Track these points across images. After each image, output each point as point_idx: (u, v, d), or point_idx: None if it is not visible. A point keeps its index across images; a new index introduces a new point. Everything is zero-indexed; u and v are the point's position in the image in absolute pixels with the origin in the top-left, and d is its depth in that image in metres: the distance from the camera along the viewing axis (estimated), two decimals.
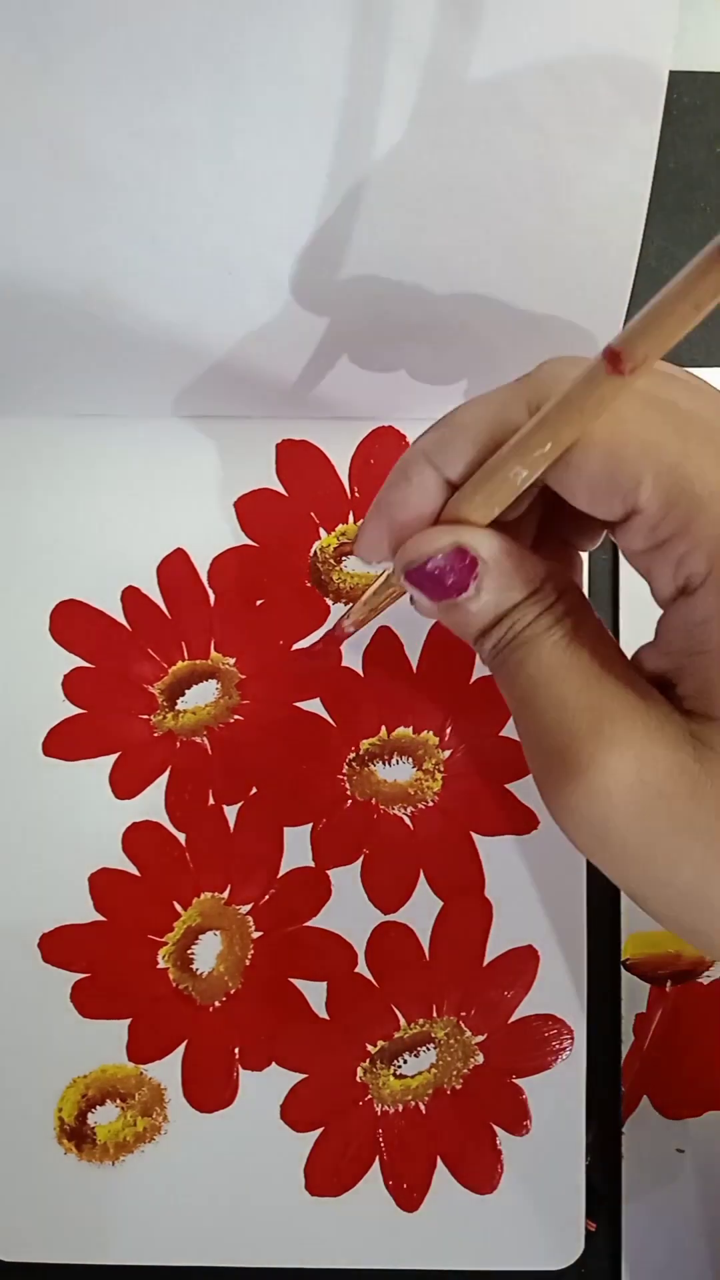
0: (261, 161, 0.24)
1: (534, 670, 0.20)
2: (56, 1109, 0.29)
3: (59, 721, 0.30)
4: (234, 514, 0.31)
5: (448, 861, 0.30)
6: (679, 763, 0.18)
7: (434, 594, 0.20)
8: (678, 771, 0.18)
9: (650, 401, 0.18)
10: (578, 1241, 0.28)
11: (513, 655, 0.20)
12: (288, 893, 0.30)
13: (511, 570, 0.20)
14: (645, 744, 0.18)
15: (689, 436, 0.17)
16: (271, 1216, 0.28)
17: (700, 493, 0.17)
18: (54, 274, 0.27)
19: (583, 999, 0.29)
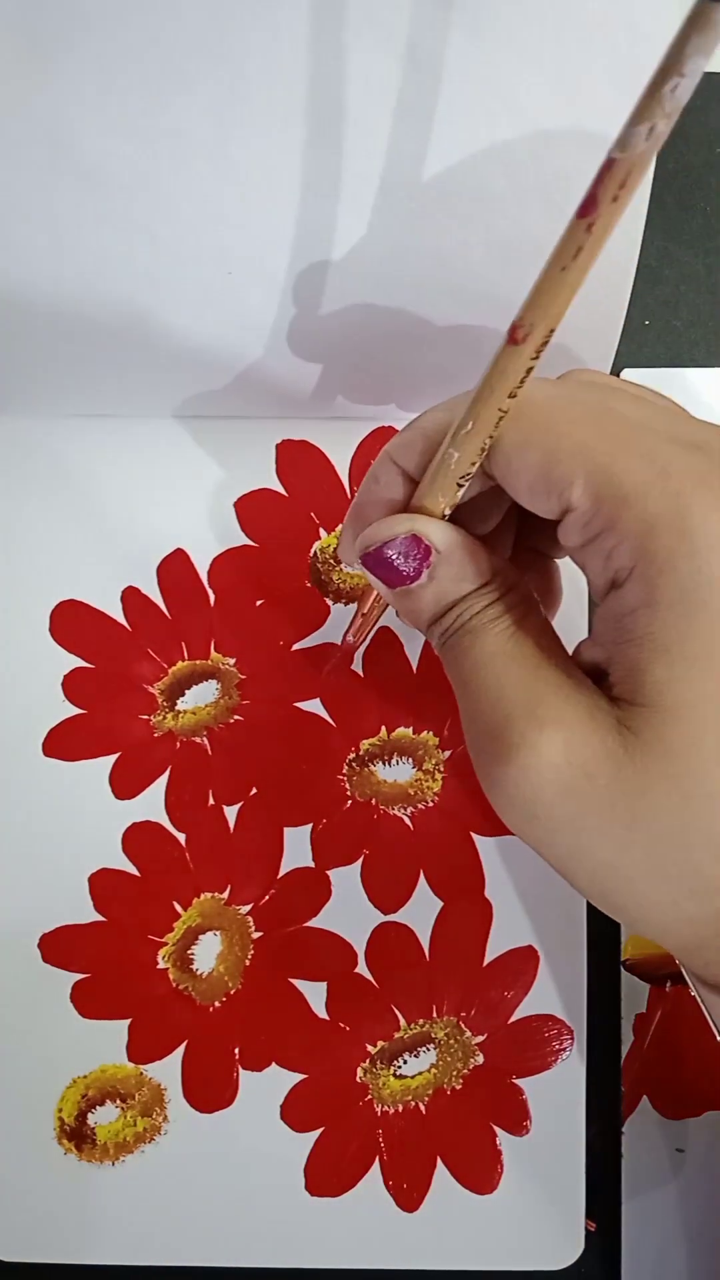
0: (261, 161, 0.24)
1: (478, 655, 0.21)
2: (56, 1109, 0.29)
3: (59, 721, 0.30)
4: (234, 514, 0.31)
5: (448, 861, 0.30)
6: (605, 745, 0.19)
7: (389, 579, 0.22)
8: (603, 754, 0.19)
9: (587, 409, 0.20)
10: (578, 1241, 0.28)
11: (460, 641, 0.22)
12: (288, 893, 0.30)
13: (463, 561, 0.21)
14: (574, 727, 0.19)
15: (618, 439, 0.19)
16: (271, 1216, 0.28)
17: (626, 491, 0.18)
18: (54, 274, 0.27)
19: (583, 999, 0.29)
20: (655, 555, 0.18)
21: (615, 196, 0.14)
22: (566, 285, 0.16)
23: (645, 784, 0.19)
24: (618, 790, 0.19)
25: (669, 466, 0.18)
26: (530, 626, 0.21)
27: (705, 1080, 0.29)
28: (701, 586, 0.18)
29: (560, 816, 0.19)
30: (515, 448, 0.20)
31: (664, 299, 0.33)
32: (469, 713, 0.21)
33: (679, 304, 0.33)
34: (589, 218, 0.14)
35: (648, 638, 0.19)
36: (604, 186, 0.14)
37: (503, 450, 0.20)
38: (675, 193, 0.33)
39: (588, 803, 0.19)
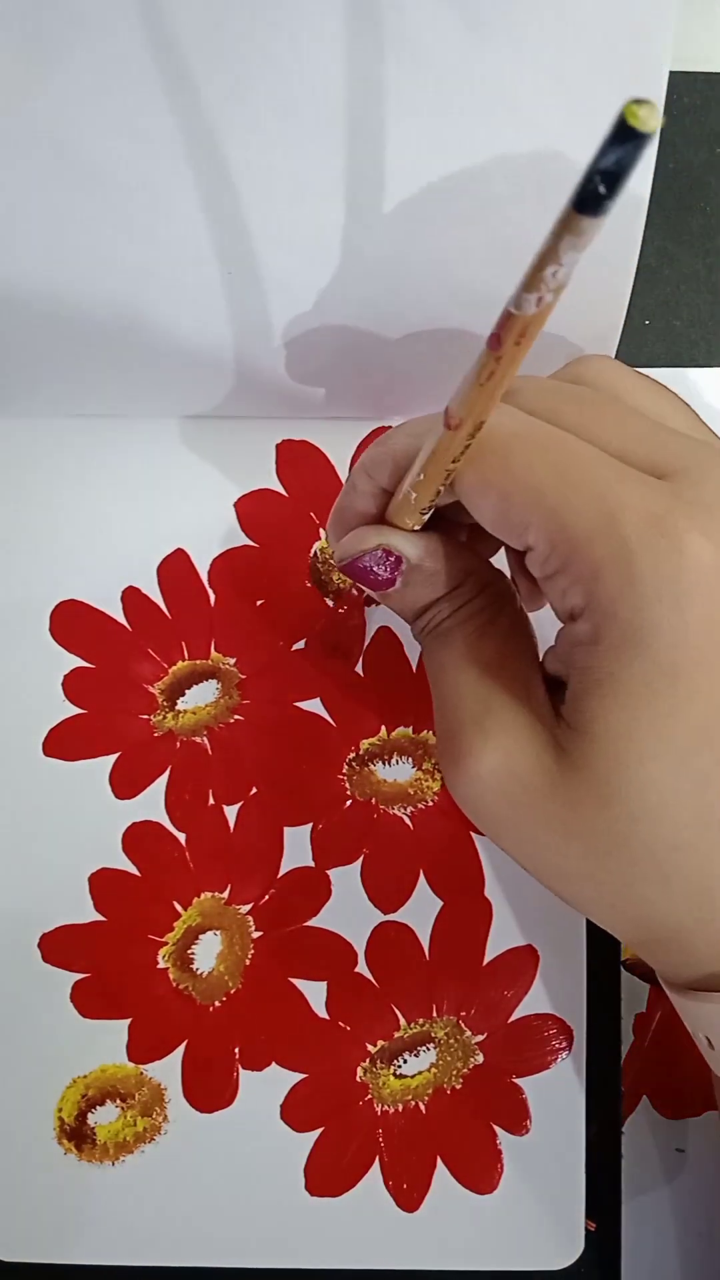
0: (261, 161, 0.24)
1: (442, 660, 0.23)
2: (56, 1109, 0.29)
3: (59, 721, 0.30)
4: (234, 514, 0.31)
5: (448, 861, 0.30)
6: (540, 761, 0.20)
7: (368, 585, 0.23)
8: (538, 768, 0.20)
9: (545, 447, 0.20)
10: (578, 1241, 0.28)
11: (431, 643, 0.23)
12: (288, 893, 0.30)
13: (433, 569, 0.22)
14: (515, 740, 0.21)
15: (572, 480, 0.19)
16: (271, 1216, 0.28)
17: (576, 535, 0.19)
18: (53, 274, 0.27)
19: (583, 999, 0.29)
20: (601, 600, 0.19)
21: (517, 342, 0.16)
22: (486, 396, 0.17)
23: (574, 801, 0.20)
24: (551, 803, 0.20)
25: (620, 509, 0.18)
26: (497, 629, 0.23)
27: (705, 1080, 0.29)
28: (641, 632, 0.18)
29: (503, 820, 0.21)
30: (474, 488, 0.20)
31: (664, 299, 0.33)
32: (436, 712, 0.23)
33: (679, 304, 0.33)
34: (496, 352, 0.16)
35: (588, 670, 0.20)
36: (507, 333, 0.16)
37: (463, 489, 0.21)
38: (675, 193, 0.33)
39: (525, 811, 0.21)
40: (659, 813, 0.19)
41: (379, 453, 0.22)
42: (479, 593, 0.23)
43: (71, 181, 0.25)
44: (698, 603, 0.18)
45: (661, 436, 0.20)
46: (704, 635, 0.18)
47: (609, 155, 0.12)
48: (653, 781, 0.19)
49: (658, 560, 0.18)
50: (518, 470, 0.20)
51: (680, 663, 0.18)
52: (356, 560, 0.23)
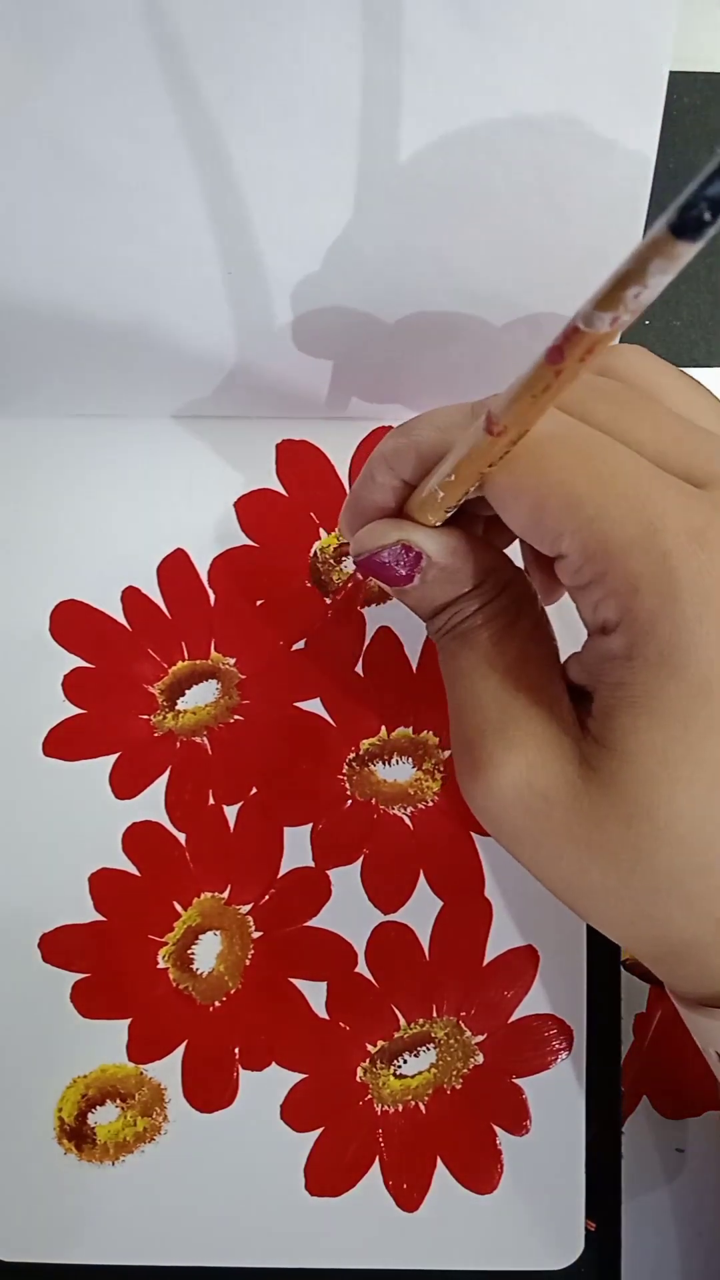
0: (261, 161, 0.24)
1: (461, 664, 0.22)
2: (56, 1109, 0.29)
3: (59, 721, 0.30)
4: (234, 514, 0.31)
5: (448, 861, 0.30)
6: (564, 775, 0.20)
7: (385, 580, 0.22)
8: (562, 782, 0.20)
9: (583, 450, 0.19)
10: (578, 1241, 0.28)
11: (450, 644, 0.22)
12: (288, 893, 0.30)
13: (454, 567, 0.21)
14: (538, 752, 0.20)
15: (610, 488, 0.18)
16: (271, 1216, 0.28)
17: (613, 548, 0.18)
18: (54, 274, 0.27)
19: (583, 999, 0.29)
20: (638, 615, 0.18)
21: (582, 359, 0.15)
22: (537, 408, 0.17)
23: (599, 817, 0.19)
24: (574, 818, 0.20)
25: (660, 520, 0.18)
26: (519, 631, 0.22)
27: (705, 1080, 0.29)
28: (680, 651, 0.18)
29: (522, 832, 0.21)
30: (507, 491, 0.19)
31: (664, 299, 0.33)
32: (453, 717, 0.22)
33: (679, 304, 0.33)
34: (557, 365, 0.15)
35: (621, 687, 0.19)
36: (571, 349, 0.15)
37: (495, 491, 0.20)
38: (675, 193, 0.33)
39: (546, 824, 0.20)
40: (689, 835, 0.19)
41: (402, 444, 0.21)
42: (500, 592, 0.22)
43: (71, 181, 0.25)
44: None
45: (698, 440, 0.20)
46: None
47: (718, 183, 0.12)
48: (683, 806, 0.19)
49: (698, 576, 0.17)
50: (554, 476, 0.19)
51: (716, 683, 0.18)
52: (374, 555, 0.22)
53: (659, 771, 0.19)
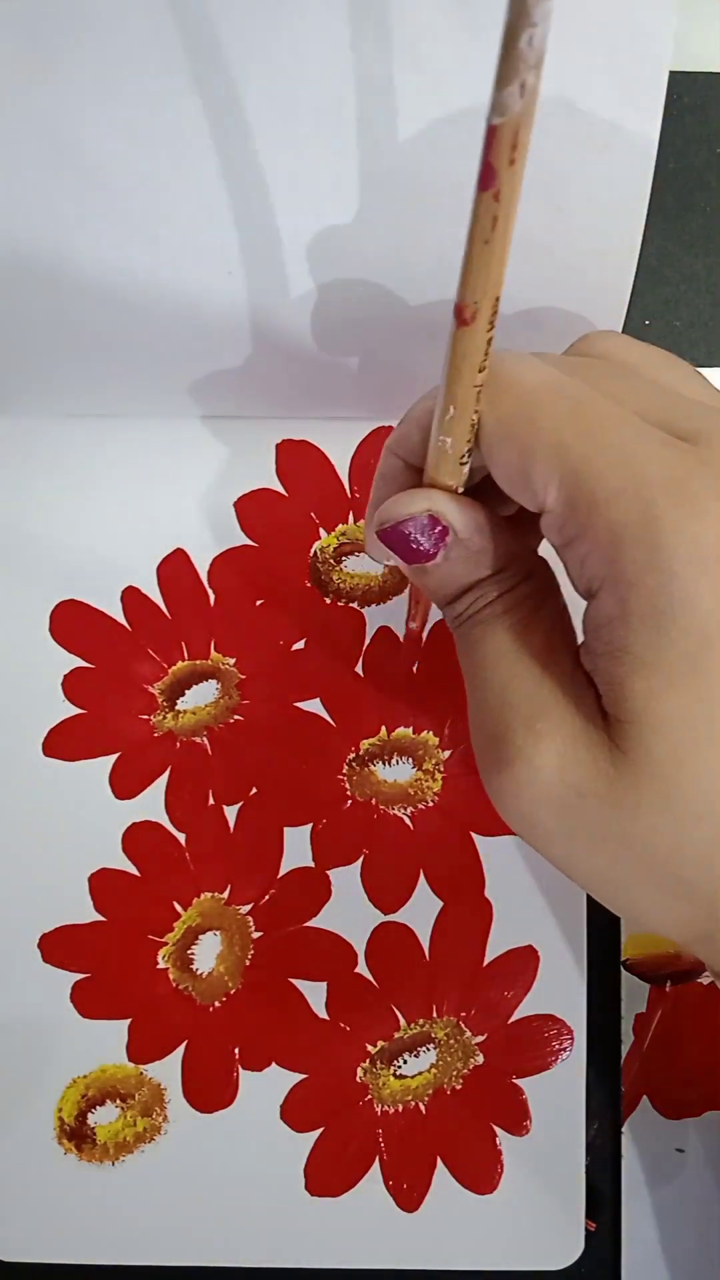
0: (261, 161, 0.24)
1: (485, 653, 0.21)
2: (56, 1109, 0.29)
3: (59, 721, 0.30)
4: (234, 514, 0.31)
5: (448, 861, 0.30)
6: (597, 765, 0.19)
7: (406, 556, 0.21)
8: (595, 774, 0.19)
9: (572, 401, 0.19)
10: (578, 1241, 0.28)
11: (471, 631, 0.21)
12: (288, 893, 0.30)
13: (480, 545, 0.21)
14: (569, 744, 0.19)
15: (596, 439, 0.18)
16: (271, 1216, 0.28)
17: (598, 497, 0.18)
18: (54, 274, 0.27)
19: (583, 999, 0.29)
20: (624, 568, 0.18)
21: (511, 160, 0.14)
22: (494, 256, 0.16)
23: (634, 803, 0.19)
24: (608, 809, 0.19)
25: (644, 470, 0.18)
26: (543, 620, 0.21)
27: (705, 1080, 0.29)
28: (673, 601, 0.17)
29: (554, 829, 0.20)
30: (496, 440, 0.19)
31: (664, 299, 0.33)
32: (474, 710, 0.21)
33: (679, 304, 0.33)
34: (492, 188, 0.14)
35: (624, 651, 0.18)
36: (496, 154, 0.14)
37: (485, 440, 0.19)
38: (675, 193, 0.33)
39: (580, 819, 0.19)
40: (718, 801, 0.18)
41: (403, 428, 0.21)
42: (525, 579, 0.21)
43: (71, 181, 0.25)
44: None
45: (677, 402, 0.20)
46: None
47: None
48: (710, 767, 0.18)
49: (683, 524, 0.17)
50: (542, 423, 0.18)
51: (714, 633, 0.17)
52: (400, 525, 0.20)
53: (683, 735, 0.18)
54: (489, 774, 0.20)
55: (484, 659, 0.21)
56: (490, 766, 0.20)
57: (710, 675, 0.17)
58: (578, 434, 0.18)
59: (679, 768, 0.18)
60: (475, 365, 0.18)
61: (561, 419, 0.18)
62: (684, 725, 0.18)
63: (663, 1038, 0.29)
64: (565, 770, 0.19)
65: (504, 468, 0.19)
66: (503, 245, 0.15)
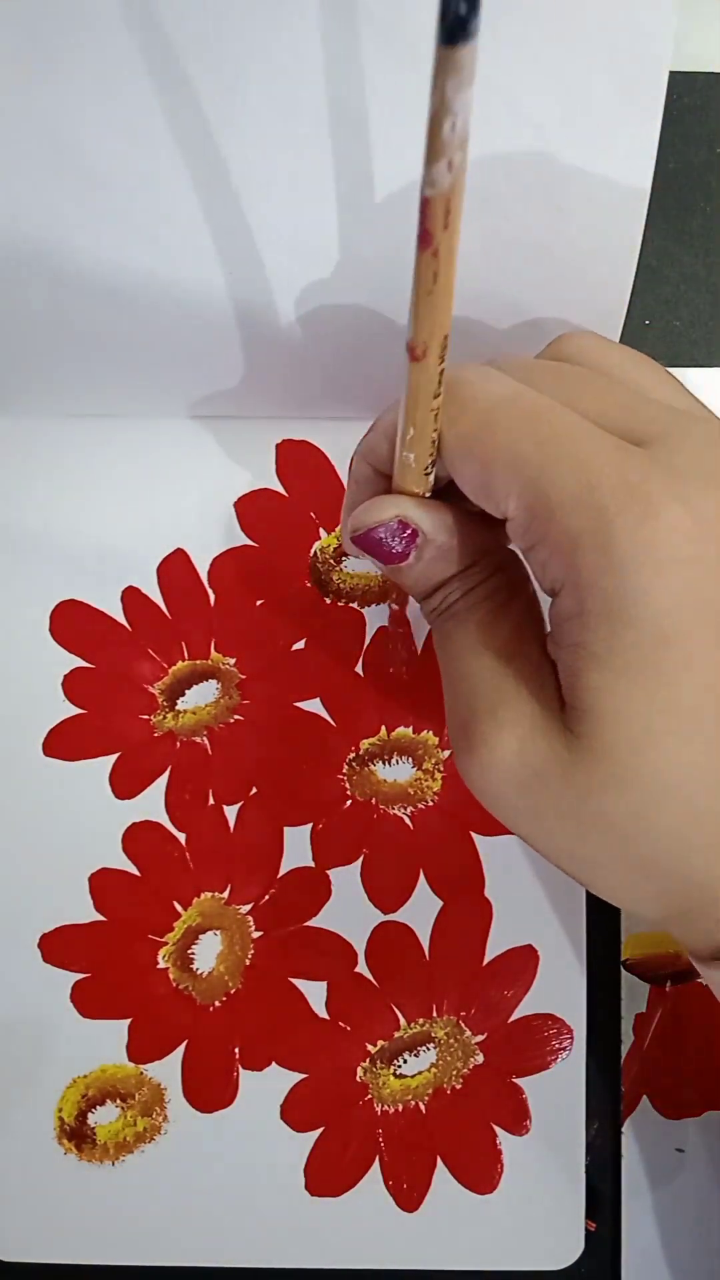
0: (261, 161, 0.24)
1: (454, 646, 0.22)
2: (56, 1109, 0.29)
3: (59, 721, 0.30)
4: (234, 514, 0.31)
5: (448, 861, 0.30)
6: (553, 750, 0.20)
7: (381, 558, 0.22)
8: (551, 756, 0.20)
9: (529, 413, 0.20)
10: (578, 1241, 0.28)
11: (444, 625, 0.23)
12: (288, 893, 0.30)
13: (449, 545, 0.22)
14: (528, 729, 0.20)
15: (552, 449, 0.19)
16: (271, 1216, 0.28)
17: (554, 506, 0.19)
18: (54, 275, 0.27)
19: (583, 999, 0.29)
20: (582, 571, 0.19)
21: (445, 225, 0.15)
22: (438, 304, 0.17)
23: (590, 785, 0.20)
24: (566, 790, 0.20)
25: (598, 478, 0.18)
26: (512, 611, 0.22)
27: (705, 1080, 0.29)
28: (626, 601, 0.18)
29: (519, 808, 0.21)
30: (457, 456, 0.20)
31: (664, 299, 0.33)
32: (447, 699, 0.23)
33: (679, 304, 0.33)
34: (430, 248, 0.15)
35: (580, 646, 0.19)
36: (432, 220, 0.15)
37: (447, 456, 0.20)
38: (675, 193, 0.33)
39: (541, 799, 0.20)
40: (678, 787, 0.19)
41: (371, 436, 0.23)
42: (494, 573, 0.22)
43: (71, 181, 0.25)
44: (677, 569, 0.18)
45: (639, 404, 0.20)
46: (688, 600, 0.18)
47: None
48: (667, 756, 0.19)
49: (635, 528, 0.18)
50: (501, 438, 0.19)
51: (670, 630, 0.18)
52: (371, 531, 0.22)
53: (636, 726, 0.19)
54: (459, 758, 0.22)
55: (455, 651, 0.22)
56: (460, 750, 0.22)
57: (660, 670, 0.19)
58: (534, 445, 0.19)
59: (630, 753, 0.19)
60: (430, 393, 0.19)
61: (518, 432, 0.19)
62: (634, 716, 0.19)
63: (663, 1038, 0.29)
64: (524, 753, 0.20)
65: (466, 481, 0.20)
66: (445, 294, 0.17)
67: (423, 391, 0.19)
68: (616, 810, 0.20)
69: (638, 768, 0.19)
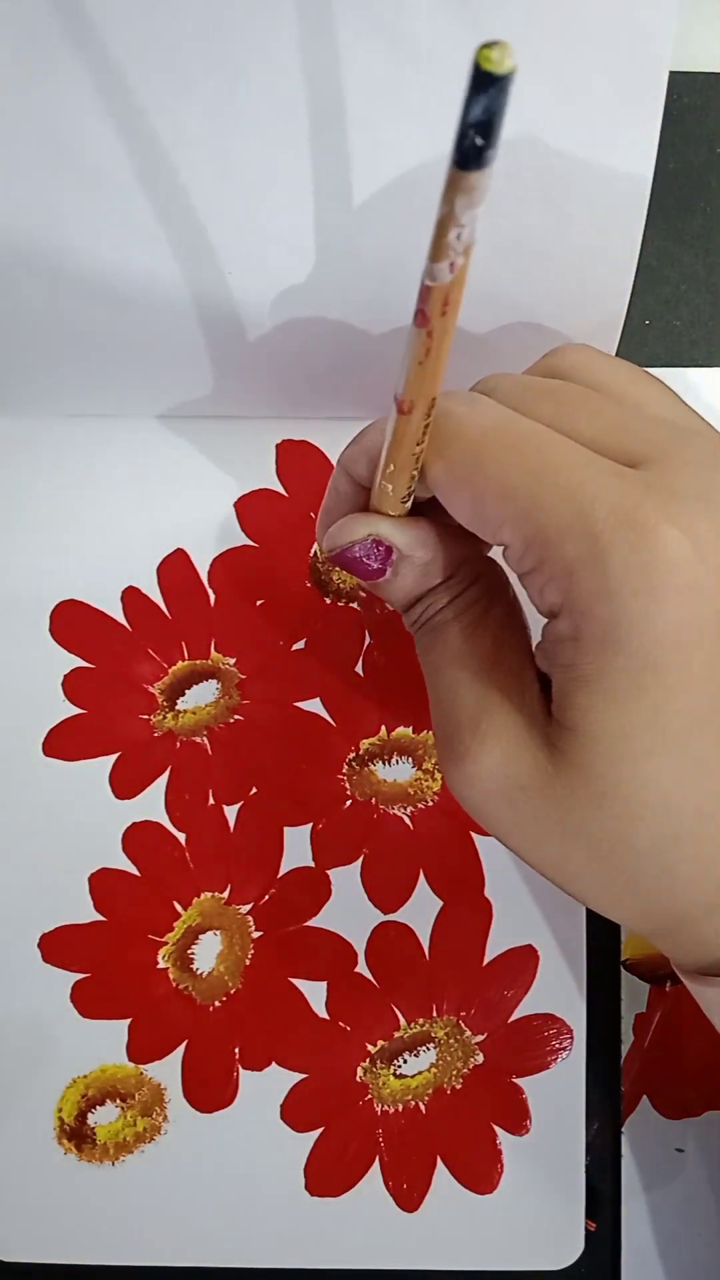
0: (261, 161, 0.24)
1: (436, 658, 0.22)
2: (56, 1109, 0.29)
3: (59, 721, 0.30)
4: (234, 514, 0.31)
5: (448, 861, 0.30)
6: (535, 762, 0.20)
7: (359, 575, 0.23)
8: (534, 769, 0.20)
9: (517, 443, 0.19)
10: (578, 1241, 0.28)
11: (424, 636, 0.23)
12: (288, 893, 0.30)
13: (425, 559, 0.22)
14: (512, 742, 0.21)
15: (544, 478, 0.19)
16: (271, 1216, 0.28)
17: (549, 535, 0.19)
18: (53, 274, 0.27)
19: (583, 999, 0.29)
20: (578, 598, 0.19)
21: (443, 312, 0.16)
22: (428, 373, 0.17)
23: (572, 800, 0.20)
24: (549, 803, 0.20)
25: (591, 505, 0.18)
26: (492, 621, 0.22)
27: (705, 1080, 0.29)
28: (620, 628, 0.18)
29: (503, 819, 0.21)
30: (448, 488, 0.20)
31: (664, 299, 0.33)
32: (432, 711, 0.23)
33: (679, 304, 0.33)
34: (426, 327, 0.16)
35: (573, 667, 0.19)
36: (430, 306, 0.15)
37: (436, 484, 0.20)
38: (675, 193, 0.33)
39: (524, 811, 0.21)
40: (658, 808, 0.19)
41: (354, 450, 0.22)
42: (472, 583, 0.22)
43: (71, 181, 0.25)
44: (672, 595, 0.18)
45: (635, 424, 0.20)
46: (682, 626, 0.18)
47: (475, 106, 0.12)
48: (649, 777, 0.19)
49: (630, 555, 0.18)
50: (490, 469, 0.19)
51: (662, 656, 0.18)
52: (346, 550, 0.22)
53: (620, 747, 0.19)
54: (445, 769, 0.22)
55: (437, 663, 0.22)
56: (446, 762, 0.22)
57: (647, 693, 0.19)
58: (525, 475, 0.19)
59: (611, 771, 0.19)
60: (414, 441, 0.19)
61: (508, 463, 0.19)
62: (617, 735, 0.19)
63: (663, 1038, 0.29)
64: (507, 765, 0.21)
65: (458, 511, 0.20)
66: (436, 366, 0.17)
67: (407, 440, 0.19)
68: (597, 826, 0.20)
69: (617, 785, 0.19)
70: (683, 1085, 0.29)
